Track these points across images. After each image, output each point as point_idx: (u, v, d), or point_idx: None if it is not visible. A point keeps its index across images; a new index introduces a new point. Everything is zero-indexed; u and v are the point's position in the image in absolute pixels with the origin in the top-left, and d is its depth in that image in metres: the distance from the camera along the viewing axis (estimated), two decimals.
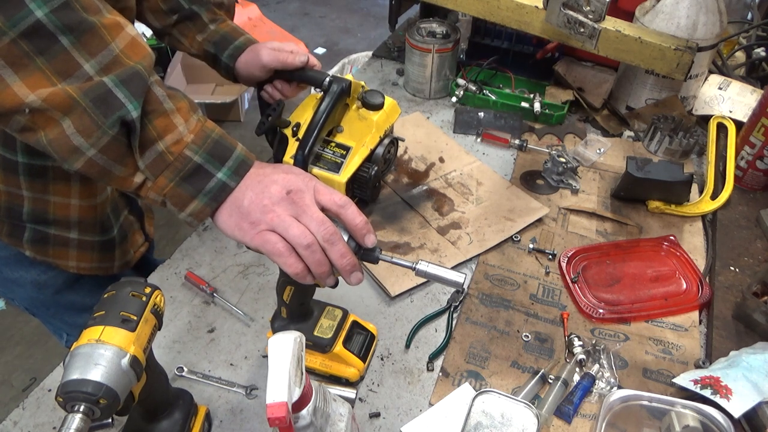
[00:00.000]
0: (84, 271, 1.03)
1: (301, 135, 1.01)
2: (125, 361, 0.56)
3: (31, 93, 0.57)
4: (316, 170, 1.03)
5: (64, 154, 0.61)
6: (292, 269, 0.64)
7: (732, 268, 1.00)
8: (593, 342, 0.89)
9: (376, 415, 0.81)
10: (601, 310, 0.93)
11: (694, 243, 1.07)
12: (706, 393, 0.77)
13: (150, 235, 1.17)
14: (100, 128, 0.60)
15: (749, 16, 1.64)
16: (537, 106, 1.32)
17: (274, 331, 0.84)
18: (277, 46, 1.02)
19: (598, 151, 1.25)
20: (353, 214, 0.66)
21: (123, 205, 1.06)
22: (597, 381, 0.84)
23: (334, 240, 0.64)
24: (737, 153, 1.16)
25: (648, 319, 0.94)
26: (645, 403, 0.79)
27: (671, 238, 1.05)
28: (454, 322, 0.92)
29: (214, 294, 0.95)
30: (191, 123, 0.66)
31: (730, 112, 1.29)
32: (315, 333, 0.82)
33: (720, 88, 1.35)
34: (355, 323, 0.86)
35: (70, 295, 1.06)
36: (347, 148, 1.04)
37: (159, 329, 0.64)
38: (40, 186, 0.90)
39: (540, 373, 0.83)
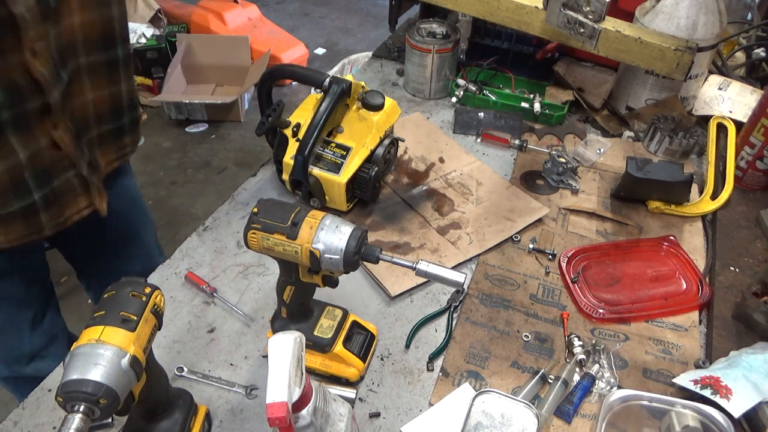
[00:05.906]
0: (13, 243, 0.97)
1: (301, 135, 1.01)
2: (125, 361, 0.56)
3: None
4: (316, 170, 1.03)
5: None
6: None
7: (732, 268, 1.00)
8: (593, 342, 0.89)
9: (376, 415, 0.81)
10: (601, 310, 0.93)
11: (694, 243, 1.07)
12: (706, 393, 0.77)
13: (101, 211, 1.08)
14: None
15: (749, 17, 1.64)
16: (537, 106, 1.31)
17: (274, 331, 0.84)
18: None
19: (598, 151, 1.25)
20: None
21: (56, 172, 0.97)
22: (597, 381, 0.84)
23: None
24: (737, 153, 1.16)
25: (648, 319, 0.94)
26: (645, 403, 0.79)
27: (671, 238, 1.05)
28: (454, 322, 0.92)
29: (214, 294, 0.95)
30: None
31: (730, 112, 1.29)
32: (315, 333, 0.82)
33: (720, 89, 1.35)
34: (355, 323, 0.86)
35: None
36: (347, 149, 1.04)
37: (159, 329, 0.64)
38: None
39: (540, 373, 0.83)
